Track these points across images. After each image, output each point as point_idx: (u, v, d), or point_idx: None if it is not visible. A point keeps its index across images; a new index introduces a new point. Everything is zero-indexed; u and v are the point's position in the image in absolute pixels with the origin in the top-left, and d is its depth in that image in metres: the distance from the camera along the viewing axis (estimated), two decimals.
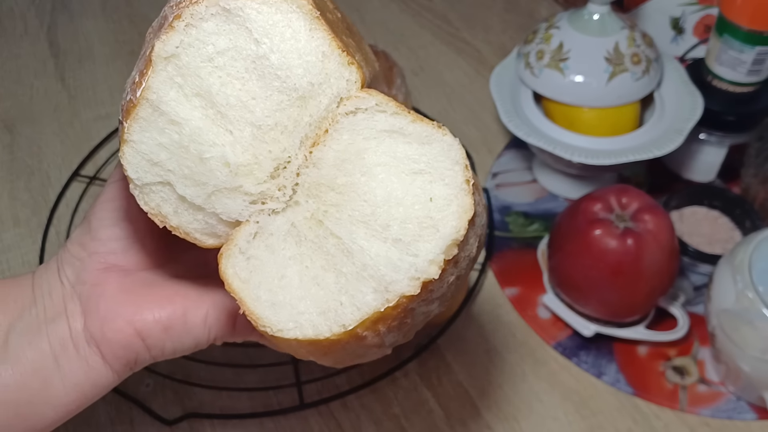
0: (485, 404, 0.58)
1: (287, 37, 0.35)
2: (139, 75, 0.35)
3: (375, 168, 0.35)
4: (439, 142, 0.35)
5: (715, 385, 0.59)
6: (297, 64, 0.36)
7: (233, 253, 0.36)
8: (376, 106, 0.36)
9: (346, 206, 0.35)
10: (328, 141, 0.36)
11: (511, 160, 0.77)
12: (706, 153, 0.71)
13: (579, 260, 0.58)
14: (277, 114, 0.36)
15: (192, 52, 0.35)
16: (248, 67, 0.36)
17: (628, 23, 0.67)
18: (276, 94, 0.36)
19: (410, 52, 0.91)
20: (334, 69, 0.36)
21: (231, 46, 0.35)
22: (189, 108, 0.35)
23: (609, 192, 0.58)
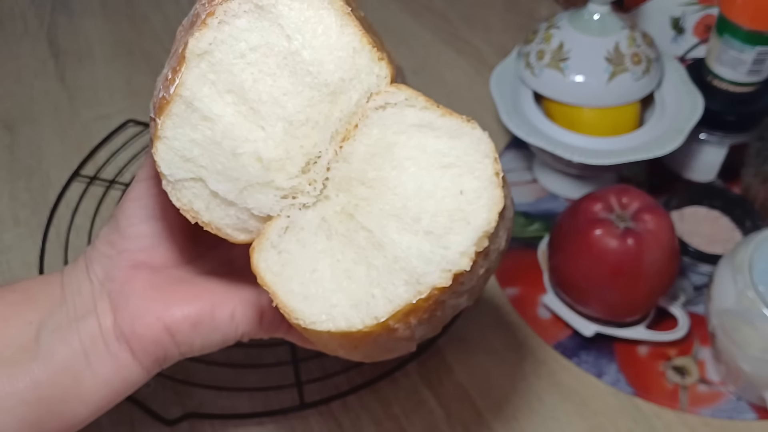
0: (485, 404, 0.58)
1: (319, 33, 0.36)
2: (171, 72, 0.36)
3: (405, 162, 0.35)
4: (469, 135, 0.35)
5: (715, 385, 0.59)
6: (328, 60, 0.36)
7: (265, 247, 0.37)
8: (405, 101, 0.36)
9: (376, 200, 0.36)
10: (358, 136, 0.37)
11: (511, 159, 0.77)
12: (707, 153, 0.71)
13: (579, 260, 0.58)
14: (308, 109, 0.37)
15: (225, 48, 0.36)
16: (280, 63, 0.36)
17: (628, 23, 0.67)
18: (307, 89, 0.37)
19: (410, 52, 0.91)
20: (364, 64, 0.37)
21: (263, 42, 0.36)
22: (222, 104, 0.36)
23: (609, 192, 0.58)
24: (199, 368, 0.60)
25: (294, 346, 0.61)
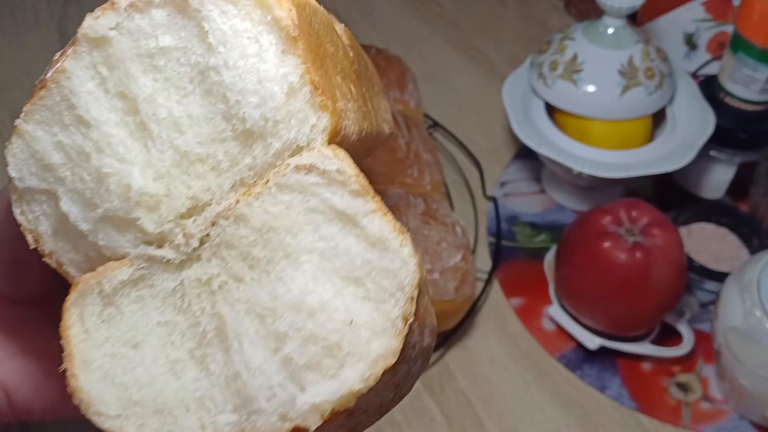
0: (488, 414, 0.58)
1: (250, 53, 0.28)
2: (61, 52, 0.28)
3: (304, 255, 0.27)
4: (394, 253, 0.27)
5: (718, 402, 0.59)
6: (254, 89, 0.28)
7: (92, 290, 0.29)
8: (337, 173, 0.27)
9: (249, 287, 0.28)
10: (264, 196, 0.28)
11: (519, 169, 0.77)
12: (716, 170, 0.71)
13: (586, 273, 0.57)
14: (212, 144, 0.28)
15: (129, 41, 0.28)
16: (193, 77, 0.28)
17: (642, 37, 0.67)
18: (218, 119, 0.28)
19: (421, 58, 0.91)
20: (299, 108, 0.28)
21: (179, 45, 0.28)
22: (106, 108, 0.28)
23: (619, 205, 0.58)
24: None
25: None
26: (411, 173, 0.62)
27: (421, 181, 0.62)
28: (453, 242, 0.57)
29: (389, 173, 0.62)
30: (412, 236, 0.55)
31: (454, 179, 0.76)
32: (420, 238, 0.57)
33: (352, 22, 0.96)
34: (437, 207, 0.60)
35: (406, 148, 0.64)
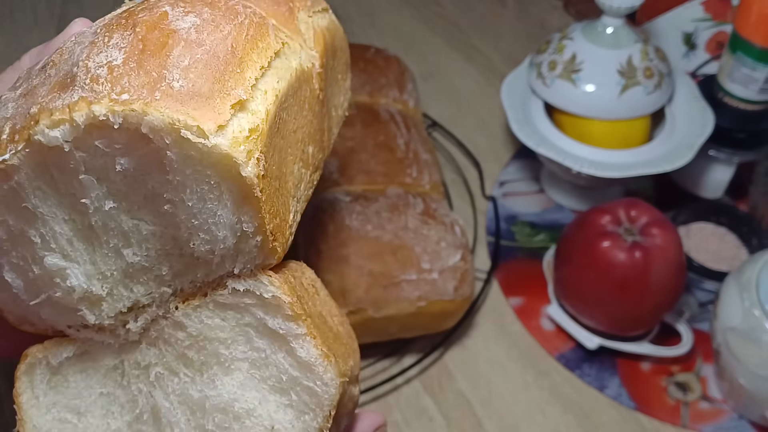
0: (486, 414, 0.58)
1: (209, 197, 0.27)
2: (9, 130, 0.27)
3: (235, 363, 0.29)
4: (317, 377, 0.28)
5: (717, 402, 0.59)
6: (206, 230, 0.28)
7: (39, 362, 0.31)
8: (272, 299, 0.29)
9: (183, 383, 0.30)
10: (201, 309, 0.29)
11: (518, 169, 0.77)
12: (715, 169, 0.71)
13: (586, 272, 0.57)
14: (158, 258, 0.29)
15: (83, 155, 0.27)
16: (147, 198, 0.28)
17: (641, 37, 0.67)
18: (167, 240, 0.29)
19: (420, 58, 0.91)
20: (248, 250, 0.29)
21: (137, 169, 0.27)
22: (54, 205, 0.28)
23: (618, 205, 0.58)
24: None
25: None
26: (410, 173, 0.62)
27: (420, 180, 0.62)
28: (452, 242, 0.57)
29: (388, 173, 0.62)
30: (411, 236, 0.58)
31: (453, 179, 0.76)
32: (419, 238, 0.57)
33: (351, 21, 0.96)
34: (436, 206, 0.60)
35: (405, 148, 0.64)
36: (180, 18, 0.28)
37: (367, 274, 0.55)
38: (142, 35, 0.27)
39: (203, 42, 0.27)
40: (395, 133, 0.65)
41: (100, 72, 0.26)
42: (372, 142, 0.64)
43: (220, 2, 0.29)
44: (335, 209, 0.58)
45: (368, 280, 0.55)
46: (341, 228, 0.57)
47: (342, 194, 0.60)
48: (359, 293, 0.55)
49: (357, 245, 0.56)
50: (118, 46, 0.27)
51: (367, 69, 0.71)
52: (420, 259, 0.56)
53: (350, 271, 0.55)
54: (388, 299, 0.55)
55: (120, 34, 0.27)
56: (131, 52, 0.26)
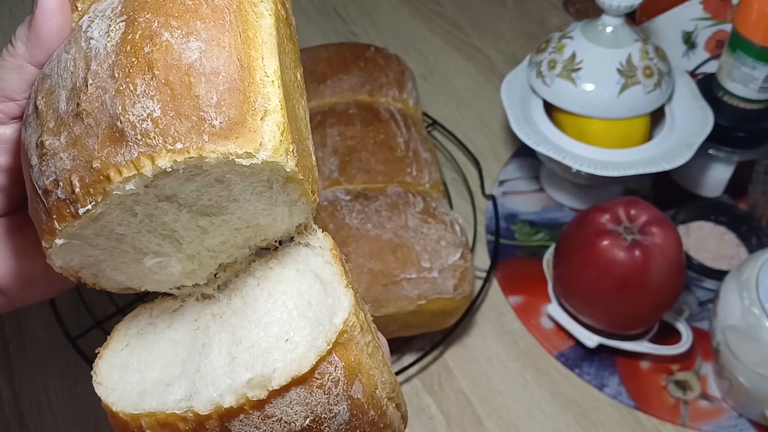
0: (486, 412, 0.58)
1: (263, 191, 0.34)
2: (80, 184, 0.31)
3: (278, 294, 0.36)
4: (336, 299, 0.34)
5: (716, 400, 0.59)
6: (265, 212, 0.35)
7: (145, 312, 0.38)
8: (320, 248, 0.37)
9: (235, 312, 0.36)
10: (272, 259, 0.38)
11: (518, 168, 0.77)
12: (714, 168, 0.71)
13: (585, 271, 0.57)
14: (232, 235, 0.36)
15: (156, 191, 0.32)
16: (212, 206, 0.34)
17: (641, 36, 0.67)
18: (236, 221, 0.35)
19: (420, 57, 0.91)
20: (299, 212, 0.35)
21: (201, 191, 0.32)
22: (137, 225, 0.33)
23: (617, 204, 0.58)
24: None
25: None
26: (410, 172, 0.63)
27: (420, 179, 0.63)
28: (452, 240, 0.57)
29: (388, 171, 0.62)
30: (411, 234, 0.58)
31: (453, 178, 0.76)
32: (419, 237, 0.57)
33: (351, 21, 0.96)
34: (436, 205, 0.60)
35: (405, 147, 0.64)
36: (184, 47, 0.31)
37: (367, 272, 0.55)
38: (164, 79, 0.30)
39: (218, 70, 0.31)
40: (395, 132, 0.65)
41: (147, 126, 0.30)
42: (372, 141, 0.64)
43: (202, 6, 0.32)
44: (335, 208, 0.58)
45: (368, 278, 0.55)
46: (341, 226, 0.57)
47: (342, 193, 0.60)
48: (359, 292, 0.55)
49: (357, 244, 0.56)
50: (148, 95, 0.30)
51: (366, 68, 0.71)
52: (420, 257, 0.56)
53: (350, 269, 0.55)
54: (388, 298, 0.55)
55: (142, 80, 0.30)
56: (164, 101, 0.30)
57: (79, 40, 0.33)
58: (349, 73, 0.70)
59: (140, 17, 0.32)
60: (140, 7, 0.32)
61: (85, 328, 0.61)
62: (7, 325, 0.63)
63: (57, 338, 0.61)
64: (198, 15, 0.32)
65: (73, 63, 0.32)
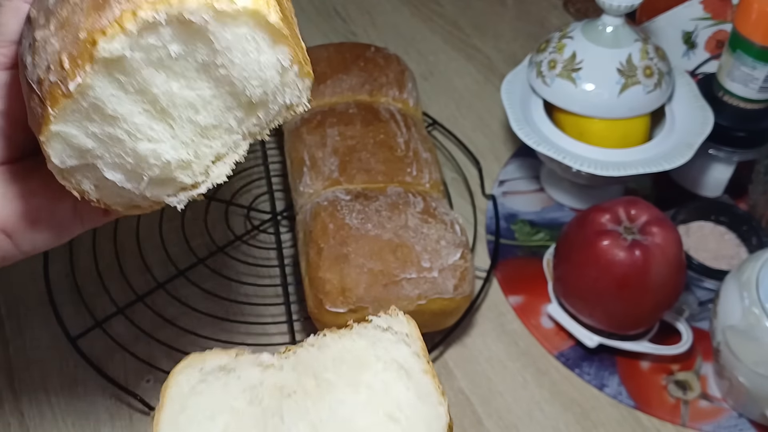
0: (486, 412, 0.58)
1: (250, 49, 0.34)
2: (68, 58, 0.31)
3: (362, 387, 0.36)
4: (432, 407, 0.34)
5: (717, 401, 0.59)
6: (256, 75, 0.35)
7: (195, 365, 0.40)
8: (406, 336, 0.37)
9: (311, 399, 0.37)
10: (345, 336, 0.38)
11: (518, 168, 0.77)
12: (715, 168, 0.71)
13: (585, 271, 0.57)
14: (223, 114, 0.36)
15: (141, 54, 0.32)
16: (200, 69, 0.34)
17: (641, 36, 0.67)
18: (226, 96, 0.35)
19: (420, 57, 0.91)
20: (290, 81, 0.36)
21: (187, 50, 0.33)
22: (129, 104, 0.33)
23: (618, 204, 0.58)
24: None
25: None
26: (410, 171, 0.63)
27: (420, 179, 0.63)
28: (452, 240, 0.57)
29: (388, 171, 0.62)
30: (411, 234, 0.58)
31: (453, 177, 0.76)
32: (419, 237, 0.57)
33: (351, 20, 0.96)
34: (436, 205, 0.60)
35: (405, 147, 0.64)
36: None
37: (367, 272, 0.55)
38: None
39: None
40: (395, 132, 0.65)
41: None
42: (372, 140, 0.64)
43: None
44: (335, 208, 0.58)
45: (368, 278, 0.55)
46: (341, 226, 0.57)
47: (342, 193, 0.60)
48: (359, 292, 0.55)
49: (357, 244, 0.56)
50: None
51: (366, 68, 0.71)
52: (420, 257, 0.56)
53: (350, 269, 0.55)
54: (388, 297, 0.55)
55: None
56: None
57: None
58: (349, 73, 0.70)
59: None
60: None
61: (85, 328, 0.61)
62: (7, 324, 0.63)
63: (57, 338, 0.61)
64: None
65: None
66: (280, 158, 0.76)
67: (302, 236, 0.59)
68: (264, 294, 0.65)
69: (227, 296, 0.64)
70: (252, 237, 0.70)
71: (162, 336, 0.62)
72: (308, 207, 0.60)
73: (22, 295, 0.64)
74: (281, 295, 0.65)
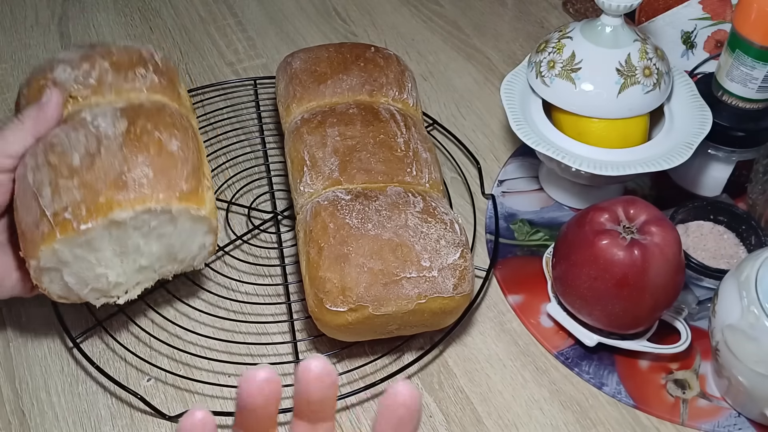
0: (485, 410, 0.58)
1: (194, 234, 0.56)
2: (86, 210, 0.50)
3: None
4: None
5: (716, 399, 0.59)
6: (188, 247, 0.57)
7: None
8: None
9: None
10: None
11: (517, 168, 0.77)
12: (714, 168, 0.71)
13: (584, 270, 0.58)
14: (155, 261, 0.56)
15: (135, 223, 0.52)
16: (160, 235, 0.54)
17: (640, 36, 0.67)
18: (163, 252, 0.55)
19: (420, 57, 0.91)
20: (203, 254, 0.58)
21: (159, 224, 0.53)
22: (108, 244, 0.52)
23: (617, 203, 0.58)
24: (201, 364, 0.60)
25: (296, 347, 0.61)
26: (410, 171, 0.63)
27: (419, 179, 0.63)
28: (451, 240, 0.58)
29: (388, 171, 0.62)
30: (411, 234, 0.59)
31: (453, 177, 0.76)
32: (419, 236, 0.57)
33: (351, 21, 0.97)
34: (436, 205, 0.60)
35: (405, 147, 0.64)
36: (169, 142, 0.54)
37: (368, 271, 0.55)
38: (157, 157, 0.53)
39: (187, 159, 0.54)
40: (395, 132, 0.65)
41: (143, 182, 0.52)
42: (372, 140, 0.64)
43: (177, 122, 0.56)
44: (335, 207, 0.58)
45: (368, 277, 0.55)
46: (341, 226, 0.57)
47: (342, 192, 0.60)
48: (359, 291, 0.55)
49: (357, 243, 0.56)
50: (145, 164, 0.52)
51: (366, 68, 0.71)
52: (420, 256, 0.56)
53: (350, 268, 0.55)
54: (388, 297, 0.55)
55: (142, 155, 0.52)
56: (155, 169, 0.52)
57: (86, 127, 0.53)
58: (349, 73, 0.70)
59: (139, 120, 0.54)
60: (137, 115, 0.55)
61: (86, 328, 0.61)
62: (8, 324, 0.63)
63: (58, 337, 0.62)
64: (174, 126, 0.56)
65: (85, 138, 0.52)
66: (281, 158, 0.76)
67: (303, 236, 0.59)
68: (265, 293, 0.65)
69: (228, 295, 0.65)
70: (253, 236, 0.70)
71: (163, 335, 0.62)
72: (309, 206, 0.60)
73: None
74: (282, 294, 0.65)
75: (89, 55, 0.59)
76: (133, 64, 0.59)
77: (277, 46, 0.92)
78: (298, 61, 0.73)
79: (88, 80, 0.57)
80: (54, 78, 0.57)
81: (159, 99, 0.58)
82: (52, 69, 0.58)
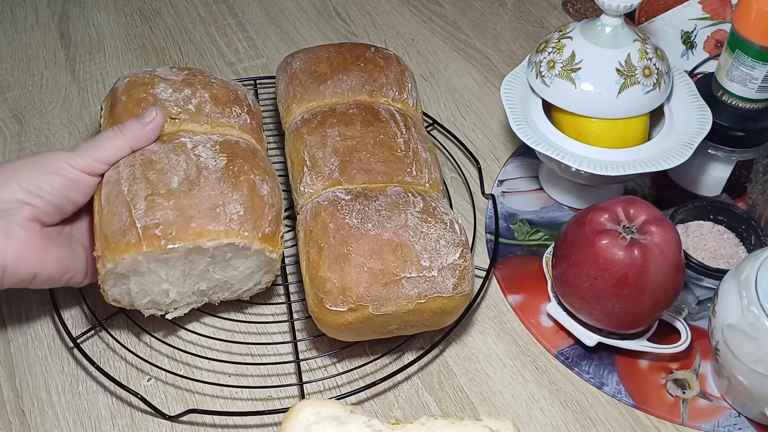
0: (486, 410, 0.59)
1: (253, 272, 0.60)
2: (176, 231, 0.54)
3: None
4: None
5: (715, 399, 0.59)
6: (244, 282, 0.60)
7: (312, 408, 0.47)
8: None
9: None
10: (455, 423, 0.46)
11: (517, 168, 0.77)
12: (713, 168, 0.71)
13: (584, 270, 0.58)
14: (213, 287, 0.59)
15: (214, 252, 0.56)
16: (224, 266, 0.58)
17: (640, 36, 0.67)
18: (221, 281, 0.59)
19: (420, 57, 0.91)
20: (256, 288, 0.62)
21: (231, 258, 0.57)
22: (180, 265, 0.56)
23: (616, 203, 0.58)
24: (202, 364, 0.60)
25: (296, 347, 0.61)
26: (410, 171, 0.63)
27: (419, 179, 0.63)
28: (451, 240, 0.58)
29: (388, 171, 0.62)
30: (410, 234, 0.59)
31: (453, 177, 0.76)
32: (419, 236, 0.57)
33: (351, 21, 0.97)
34: (436, 205, 0.60)
35: (404, 147, 0.64)
36: (261, 185, 0.58)
37: (368, 271, 0.55)
38: (249, 197, 0.57)
39: (273, 204, 0.58)
40: (395, 132, 0.65)
41: (233, 217, 0.55)
42: (372, 141, 0.64)
43: (268, 168, 0.61)
44: (335, 207, 0.58)
45: (368, 277, 0.55)
46: (341, 226, 0.57)
47: (342, 192, 0.60)
48: (359, 291, 0.55)
49: (357, 243, 0.56)
50: (238, 202, 0.56)
51: (366, 68, 0.71)
52: (420, 256, 0.56)
53: (350, 268, 0.55)
54: (388, 297, 0.55)
55: (237, 193, 0.56)
56: (246, 208, 0.56)
57: (187, 153, 0.57)
58: (349, 73, 0.70)
59: (237, 159, 0.58)
60: (235, 154, 0.59)
61: (86, 327, 0.61)
62: (8, 323, 0.63)
63: (59, 337, 0.62)
64: (266, 172, 0.60)
65: (186, 164, 0.57)
66: (281, 158, 0.76)
67: (303, 236, 0.59)
68: (265, 292, 0.65)
69: None
70: None
71: (163, 335, 0.62)
72: (309, 207, 0.60)
73: (24, 294, 0.65)
74: (282, 294, 0.66)
75: (191, 81, 0.63)
76: (230, 101, 0.64)
77: (277, 46, 0.92)
78: (298, 61, 0.73)
79: (187, 106, 0.61)
80: (155, 94, 0.61)
81: (248, 139, 0.63)
82: (153, 85, 0.62)
